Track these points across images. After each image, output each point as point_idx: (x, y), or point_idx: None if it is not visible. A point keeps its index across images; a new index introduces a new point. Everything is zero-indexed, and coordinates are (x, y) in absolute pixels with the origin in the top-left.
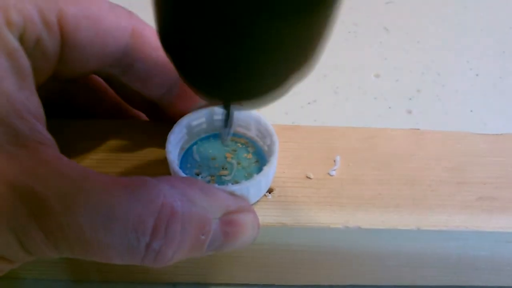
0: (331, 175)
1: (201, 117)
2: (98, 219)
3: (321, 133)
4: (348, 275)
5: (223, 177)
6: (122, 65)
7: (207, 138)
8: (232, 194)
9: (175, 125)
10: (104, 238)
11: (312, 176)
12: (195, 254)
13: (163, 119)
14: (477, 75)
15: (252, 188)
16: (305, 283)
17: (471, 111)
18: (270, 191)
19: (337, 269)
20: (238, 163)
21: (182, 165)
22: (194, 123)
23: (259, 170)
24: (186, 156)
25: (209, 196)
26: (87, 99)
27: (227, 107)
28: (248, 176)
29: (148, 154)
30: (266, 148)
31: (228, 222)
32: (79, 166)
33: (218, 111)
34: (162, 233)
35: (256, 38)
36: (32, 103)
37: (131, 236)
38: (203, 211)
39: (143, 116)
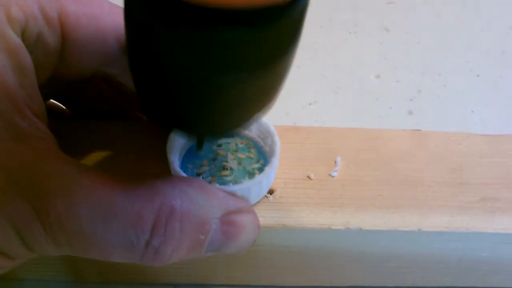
0: (332, 176)
1: None
2: (97, 215)
3: (322, 134)
4: (349, 276)
5: (224, 177)
6: (121, 64)
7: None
8: (232, 194)
9: None
10: (103, 234)
11: (313, 177)
12: (194, 254)
13: None
14: (477, 75)
15: (254, 188)
16: (306, 284)
17: (472, 111)
18: (271, 192)
19: (338, 270)
20: (239, 164)
21: (183, 166)
22: None
23: (260, 170)
24: (187, 156)
25: (209, 196)
26: (87, 100)
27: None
28: (249, 177)
29: (149, 154)
30: (267, 148)
31: (228, 222)
32: (79, 163)
33: None
34: (161, 231)
35: (223, 94)
36: (33, 100)
37: (130, 233)
38: (202, 211)
39: (144, 119)
